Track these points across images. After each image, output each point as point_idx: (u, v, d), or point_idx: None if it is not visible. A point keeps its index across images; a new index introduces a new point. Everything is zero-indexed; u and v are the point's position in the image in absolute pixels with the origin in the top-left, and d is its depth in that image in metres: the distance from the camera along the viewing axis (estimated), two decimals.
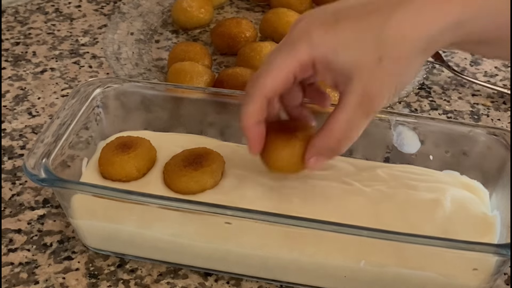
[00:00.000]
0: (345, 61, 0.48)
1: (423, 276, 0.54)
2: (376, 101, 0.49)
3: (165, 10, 0.94)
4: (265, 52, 0.80)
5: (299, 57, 0.50)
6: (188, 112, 0.67)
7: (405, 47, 0.47)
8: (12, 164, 0.70)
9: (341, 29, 0.48)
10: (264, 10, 0.96)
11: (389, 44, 0.47)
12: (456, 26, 0.47)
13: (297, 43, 0.50)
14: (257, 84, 0.51)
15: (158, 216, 0.56)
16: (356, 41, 0.48)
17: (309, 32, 0.49)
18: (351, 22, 0.48)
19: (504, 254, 0.50)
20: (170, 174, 0.59)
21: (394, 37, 0.47)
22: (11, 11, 0.95)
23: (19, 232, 0.62)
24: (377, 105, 0.49)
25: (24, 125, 0.75)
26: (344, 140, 0.51)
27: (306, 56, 0.49)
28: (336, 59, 0.49)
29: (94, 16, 0.95)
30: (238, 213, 0.53)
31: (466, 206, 0.59)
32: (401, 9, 0.47)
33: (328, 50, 0.49)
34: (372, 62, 0.48)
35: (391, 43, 0.47)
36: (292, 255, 0.55)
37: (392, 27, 0.47)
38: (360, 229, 0.51)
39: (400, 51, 0.47)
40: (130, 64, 0.82)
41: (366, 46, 0.47)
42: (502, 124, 0.77)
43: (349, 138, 0.51)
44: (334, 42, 0.48)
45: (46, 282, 0.58)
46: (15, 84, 0.81)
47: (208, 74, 0.77)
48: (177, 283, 0.58)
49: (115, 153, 0.60)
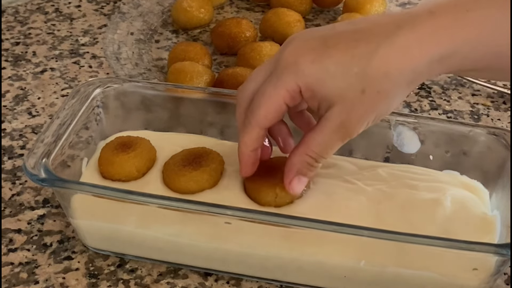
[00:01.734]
0: (329, 90, 0.50)
1: (423, 276, 0.54)
2: (353, 129, 0.51)
3: (165, 10, 0.94)
4: (265, 52, 0.80)
5: (287, 86, 0.51)
6: (188, 112, 0.67)
7: (389, 82, 0.49)
8: (12, 164, 0.70)
9: (327, 59, 0.49)
10: (264, 10, 0.96)
11: (373, 79, 0.48)
12: (445, 58, 0.48)
13: (285, 72, 0.51)
14: (252, 113, 0.53)
15: (158, 216, 0.56)
16: (342, 73, 0.49)
17: (297, 61, 0.50)
18: (339, 52, 0.49)
19: (504, 254, 0.50)
20: (169, 174, 0.59)
21: (378, 72, 0.48)
22: (11, 11, 0.95)
23: (19, 232, 0.62)
24: (354, 132, 0.51)
25: (24, 125, 0.75)
26: (318, 158, 0.53)
27: (294, 85, 0.50)
28: (321, 88, 0.50)
29: (94, 16, 0.95)
30: (238, 213, 0.53)
31: (466, 206, 0.59)
32: (387, 44, 0.48)
33: (314, 80, 0.50)
34: (355, 94, 0.49)
35: (375, 78, 0.48)
36: (292, 255, 0.55)
37: (376, 63, 0.48)
38: (360, 229, 0.51)
39: (383, 86, 0.49)
40: (130, 64, 0.82)
41: (350, 79, 0.49)
42: (502, 124, 0.77)
43: (323, 157, 0.53)
44: (320, 73, 0.49)
45: (46, 282, 0.58)
46: (15, 84, 0.81)
47: (208, 74, 0.77)
48: (177, 283, 0.58)
49: (115, 153, 0.60)
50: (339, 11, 0.95)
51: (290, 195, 0.57)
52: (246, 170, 0.57)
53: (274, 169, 0.58)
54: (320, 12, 0.96)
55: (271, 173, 0.58)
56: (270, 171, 0.58)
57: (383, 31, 0.48)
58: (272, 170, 0.58)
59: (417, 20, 0.48)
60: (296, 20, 0.87)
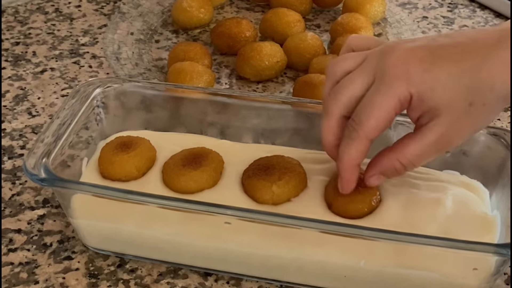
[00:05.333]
0: (438, 101, 0.50)
1: (423, 276, 0.54)
2: (453, 141, 0.52)
3: (165, 10, 0.94)
4: (265, 52, 0.80)
5: (399, 94, 0.50)
6: (188, 112, 0.67)
7: (493, 95, 0.50)
8: (12, 164, 0.70)
9: (439, 69, 0.50)
10: (264, 10, 0.95)
11: (481, 91, 0.49)
12: None
13: (396, 80, 0.50)
14: (360, 125, 0.52)
15: (158, 215, 0.56)
16: (453, 84, 0.49)
17: (408, 69, 0.50)
18: (447, 63, 0.50)
19: (504, 254, 0.50)
20: (169, 173, 0.59)
21: (485, 85, 0.49)
22: (11, 11, 0.95)
23: (19, 232, 0.62)
24: (453, 145, 0.52)
25: (24, 125, 0.75)
26: (409, 166, 0.53)
27: (406, 92, 0.50)
28: (431, 97, 0.50)
29: (94, 16, 0.95)
30: (238, 212, 0.53)
31: (467, 205, 0.59)
32: (491, 57, 0.49)
33: (426, 89, 0.50)
34: (463, 105, 0.50)
35: (482, 90, 0.49)
36: (292, 254, 0.55)
37: (484, 75, 0.49)
38: (360, 229, 0.51)
39: (489, 99, 0.50)
40: (130, 64, 0.82)
41: (460, 90, 0.49)
42: (502, 124, 0.77)
43: (414, 166, 0.53)
44: (432, 82, 0.50)
45: (46, 282, 0.58)
46: (15, 84, 0.81)
47: (208, 74, 0.77)
48: (177, 283, 0.58)
49: (115, 152, 0.60)
50: (339, 11, 0.95)
51: (287, 194, 0.57)
52: (348, 186, 0.55)
53: (271, 167, 0.58)
54: (320, 12, 0.96)
55: (268, 172, 0.58)
56: (267, 170, 0.58)
57: (484, 45, 0.50)
58: (269, 169, 0.58)
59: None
60: (296, 20, 0.87)
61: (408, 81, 0.50)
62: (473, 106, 0.50)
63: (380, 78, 0.51)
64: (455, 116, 0.50)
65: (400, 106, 0.51)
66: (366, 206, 0.56)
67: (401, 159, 0.53)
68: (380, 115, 0.51)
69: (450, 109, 0.50)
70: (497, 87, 0.49)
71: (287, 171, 0.58)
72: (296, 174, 0.58)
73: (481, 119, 0.51)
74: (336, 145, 0.54)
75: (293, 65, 0.83)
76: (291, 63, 0.83)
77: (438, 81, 0.50)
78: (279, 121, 0.66)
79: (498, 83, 0.49)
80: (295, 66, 0.83)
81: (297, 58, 0.82)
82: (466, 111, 0.50)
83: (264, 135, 0.66)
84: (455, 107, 0.50)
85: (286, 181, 0.57)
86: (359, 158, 0.53)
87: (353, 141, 0.52)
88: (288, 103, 0.66)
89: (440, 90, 0.50)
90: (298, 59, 0.82)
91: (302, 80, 0.76)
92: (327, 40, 0.89)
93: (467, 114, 0.50)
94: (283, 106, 0.66)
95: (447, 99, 0.50)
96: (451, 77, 0.49)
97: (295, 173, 0.58)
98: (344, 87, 0.53)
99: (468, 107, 0.50)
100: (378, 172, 0.54)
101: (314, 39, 0.83)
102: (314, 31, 0.91)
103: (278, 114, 0.66)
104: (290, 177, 0.58)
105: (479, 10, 0.97)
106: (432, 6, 0.98)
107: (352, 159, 0.53)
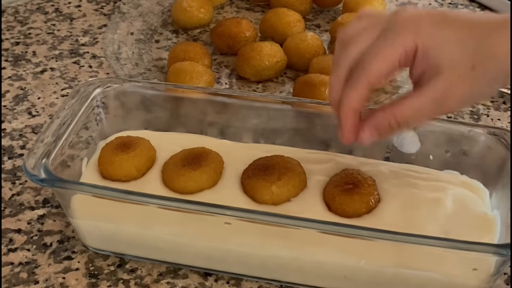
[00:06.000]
0: (443, 58, 0.50)
1: (423, 276, 0.54)
2: (452, 103, 0.52)
3: (165, 10, 0.94)
4: (265, 52, 0.80)
5: (405, 43, 0.51)
6: (188, 112, 0.67)
7: (495, 64, 0.50)
8: (12, 164, 0.70)
9: (448, 27, 0.51)
10: (264, 10, 0.95)
11: (484, 57, 0.50)
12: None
13: (404, 30, 0.51)
14: (363, 69, 0.52)
15: (157, 216, 0.56)
16: (459, 45, 0.50)
17: (418, 21, 0.51)
18: (457, 26, 0.51)
19: (504, 254, 0.50)
20: (169, 173, 0.59)
21: (489, 51, 0.50)
22: (11, 11, 0.95)
23: (19, 232, 0.62)
24: (451, 107, 0.52)
25: (24, 125, 0.75)
26: (403, 124, 0.53)
27: (412, 43, 0.51)
28: (437, 54, 0.50)
29: (94, 16, 0.95)
30: (238, 213, 0.53)
31: (467, 205, 0.59)
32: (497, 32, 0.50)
33: (433, 43, 0.50)
34: (466, 67, 0.50)
35: (486, 56, 0.50)
36: (292, 254, 0.55)
37: (489, 42, 0.50)
38: (359, 229, 0.51)
39: (491, 65, 0.51)
40: (130, 64, 0.82)
41: (466, 52, 0.50)
42: (502, 124, 0.77)
43: (408, 125, 0.53)
44: (440, 38, 0.50)
45: (46, 282, 0.58)
46: (15, 84, 0.81)
47: (208, 74, 0.77)
48: (177, 283, 0.58)
49: (115, 153, 0.60)
50: (339, 11, 0.95)
51: (287, 194, 0.57)
52: (348, 135, 0.54)
53: (270, 167, 0.58)
54: (320, 12, 0.96)
55: (268, 172, 0.58)
56: (267, 170, 0.58)
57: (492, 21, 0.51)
58: (268, 169, 0.58)
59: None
60: (296, 20, 0.87)
61: (416, 32, 0.50)
62: (475, 70, 0.50)
63: (389, 28, 0.52)
64: (456, 76, 0.50)
65: (405, 57, 0.51)
66: (365, 206, 0.56)
67: (397, 113, 0.52)
68: (384, 61, 0.51)
69: (453, 68, 0.50)
70: (500, 57, 0.50)
71: (287, 171, 0.58)
72: (295, 174, 0.58)
73: (479, 86, 0.51)
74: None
75: (293, 65, 0.83)
76: (291, 63, 0.83)
77: (446, 39, 0.50)
78: (279, 121, 0.66)
79: (502, 54, 0.50)
80: (295, 66, 0.83)
81: (297, 58, 0.82)
82: (467, 73, 0.50)
83: (264, 135, 0.66)
84: (458, 68, 0.50)
85: (286, 181, 0.57)
86: (359, 102, 0.53)
87: (355, 85, 0.52)
88: (288, 103, 0.66)
89: (446, 49, 0.50)
90: (298, 59, 0.82)
91: (302, 80, 0.76)
92: (327, 40, 0.89)
93: (468, 76, 0.50)
94: (283, 106, 0.66)
95: (451, 59, 0.50)
96: (459, 38, 0.50)
97: (294, 173, 0.58)
98: (354, 41, 0.53)
99: (470, 70, 0.50)
100: (371, 126, 0.53)
101: (314, 39, 0.83)
102: (314, 31, 0.91)
103: (278, 114, 0.66)
104: (290, 177, 0.58)
105: (479, 10, 0.97)
106: (432, 6, 0.98)
107: (352, 101, 0.52)
